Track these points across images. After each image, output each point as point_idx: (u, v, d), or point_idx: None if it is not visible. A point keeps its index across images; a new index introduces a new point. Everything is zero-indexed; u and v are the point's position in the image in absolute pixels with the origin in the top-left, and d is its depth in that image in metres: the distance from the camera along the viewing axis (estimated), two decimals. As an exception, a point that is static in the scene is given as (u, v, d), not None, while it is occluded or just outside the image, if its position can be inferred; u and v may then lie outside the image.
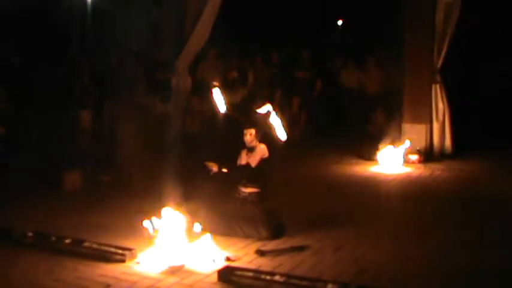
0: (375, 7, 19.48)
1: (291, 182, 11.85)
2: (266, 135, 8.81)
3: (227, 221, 8.40)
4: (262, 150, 8.65)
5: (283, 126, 8.64)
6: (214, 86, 8.92)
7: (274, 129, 8.61)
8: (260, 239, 8.21)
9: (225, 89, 11.84)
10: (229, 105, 9.20)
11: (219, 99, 8.82)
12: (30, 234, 8.08)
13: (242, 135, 8.72)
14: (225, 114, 9.18)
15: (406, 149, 13.62)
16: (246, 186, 8.66)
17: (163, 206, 7.88)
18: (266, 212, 8.50)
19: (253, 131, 8.70)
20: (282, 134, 8.61)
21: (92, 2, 17.81)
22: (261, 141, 8.73)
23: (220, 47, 16.12)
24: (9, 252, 7.73)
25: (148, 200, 8.63)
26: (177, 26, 15.16)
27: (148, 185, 9.90)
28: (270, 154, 8.64)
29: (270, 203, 8.70)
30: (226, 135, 10.23)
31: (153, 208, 7.84)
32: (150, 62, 16.53)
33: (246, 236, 8.27)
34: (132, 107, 14.71)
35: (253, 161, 8.61)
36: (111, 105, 15.11)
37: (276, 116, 8.63)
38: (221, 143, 11.65)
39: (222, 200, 8.78)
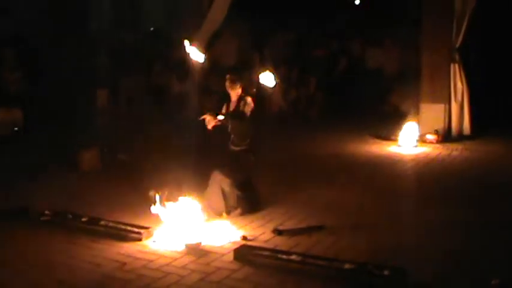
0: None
1: (308, 161, 11.84)
2: (252, 82, 8.70)
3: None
4: (248, 103, 8.54)
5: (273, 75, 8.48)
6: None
7: (263, 77, 8.47)
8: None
9: (242, 67, 11.79)
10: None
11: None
12: (47, 212, 8.11)
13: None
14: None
15: (420, 129, 13.54)
16: (235, 144, 8.64)
17: (180, 185, 7.92)
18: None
19: (235, 77, 8.62)
20: (270, 82, 8.45)
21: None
22: (245, 93, 8.63)
23: (236, 26, 16.07)
24: (27, 230, 7.77)
25: (164, 179, 8.60)
26: (195, 5, 15.18)
27: (165, 164, 9.91)
28: (256, 107, 8.58)
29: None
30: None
31: (169, 186, 7.82)
32: (167, 41, 16.52)
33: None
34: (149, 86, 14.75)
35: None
36: (129, 84, 15.15)
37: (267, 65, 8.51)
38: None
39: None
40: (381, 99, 16.53)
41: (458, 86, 14.09)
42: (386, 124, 14.08)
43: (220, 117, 8.49)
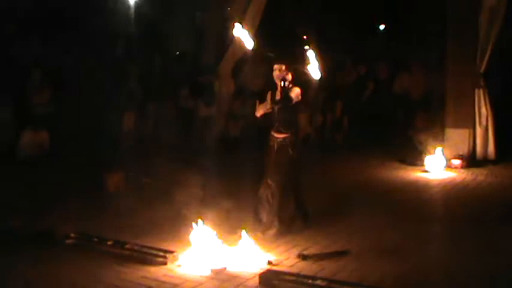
0: (417, 11, 19.35)
1: (333, 185, 11.83)
2: (298, 72, 8.64)
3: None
4: (295, 92, 8.45)
5: (319, 66, 8.44)
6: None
7: (309, 68, 8.43)
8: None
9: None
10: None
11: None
12: (72, 235, 8.17)
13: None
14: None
15: (445, 154, 13.48)
16: (279, 131, 8.57)
17: (205, 208, 7.97)
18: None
19: (283, 66, 8.49)
20: (316, 73, 8.41)
21: (136, 6, 17.99)
22: (293, 82, 8.54)
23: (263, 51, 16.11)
24: (52, 253, 7.80)
25: (189, 202, 8.64)
26: (220, 30, 15.27)
27: (189, 187, 9.95)
28: (302, 97, 8.52)
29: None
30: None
31: (194, 210, 7.86)
32: (194, 66, 16.60)
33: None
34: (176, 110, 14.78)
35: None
36: (155, 108, 15.23)
37: (314, 56, 8.44)
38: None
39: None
40: (407, 124, 16.50)
41: (483, 111, 14.09)
42: (412, 149, 14.04)
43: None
